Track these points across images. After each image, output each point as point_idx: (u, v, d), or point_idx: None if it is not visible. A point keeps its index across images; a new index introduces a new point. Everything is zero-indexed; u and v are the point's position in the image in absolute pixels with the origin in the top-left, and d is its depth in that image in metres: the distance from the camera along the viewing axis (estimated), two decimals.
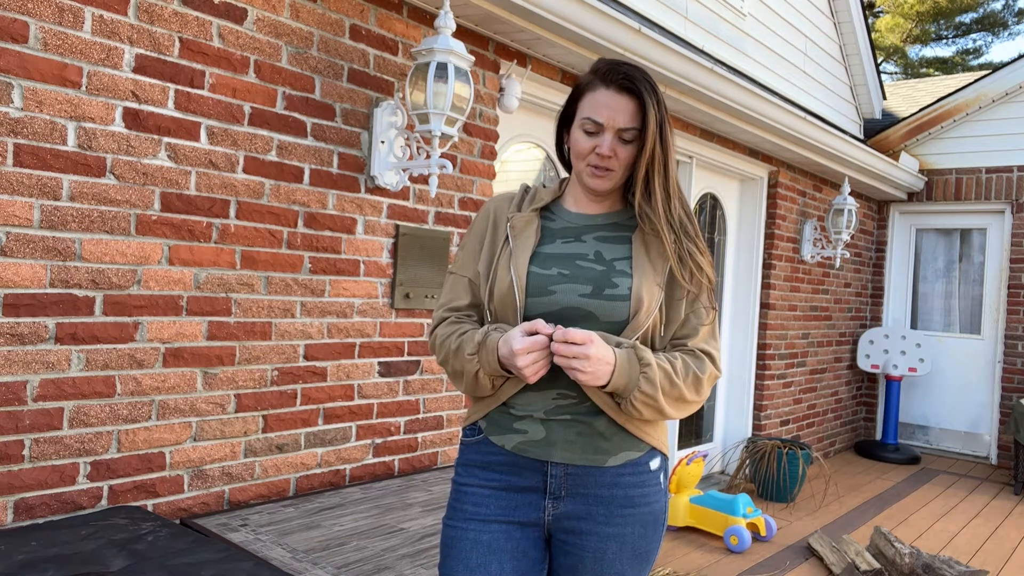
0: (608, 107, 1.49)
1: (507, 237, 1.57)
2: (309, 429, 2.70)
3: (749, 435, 5.66)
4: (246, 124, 2.45)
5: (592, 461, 1.50)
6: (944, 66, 17.95)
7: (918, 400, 7.13)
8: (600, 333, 1.47)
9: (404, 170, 2.84)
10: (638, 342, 1.48)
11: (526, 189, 1.66)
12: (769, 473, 5.01)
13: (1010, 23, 17.57)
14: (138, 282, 2.23)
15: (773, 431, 5.77)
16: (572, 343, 1.39)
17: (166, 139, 2.26)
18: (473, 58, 2.70)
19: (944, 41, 18.30)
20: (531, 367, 1.42)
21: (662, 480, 1.58)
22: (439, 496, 2.70)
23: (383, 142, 2.82)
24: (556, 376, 1.49)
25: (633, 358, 1.44)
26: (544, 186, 1.68)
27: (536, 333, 1.42)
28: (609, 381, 1.43)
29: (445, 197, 3.11)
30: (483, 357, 1.48)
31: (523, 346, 1.40)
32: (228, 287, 2.44)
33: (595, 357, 1.39)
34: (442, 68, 2.58)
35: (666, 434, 1.61)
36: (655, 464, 1.56)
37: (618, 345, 1.46)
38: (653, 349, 1.54)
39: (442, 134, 2.65)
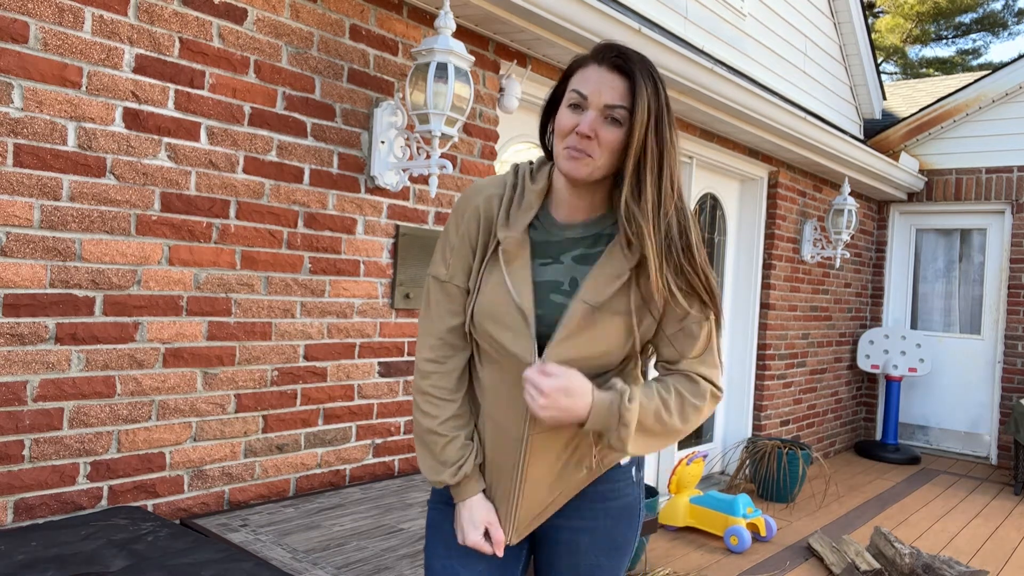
0: (595, 81, 1.35)
1: (496, 253, 1.48)
2: (309, 429, 2.70)
3: (749, 435, 5.66)
4: (246, 124, 2.45)
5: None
6: (944, 66, 17.95)
7: (918, 400, 7.13)
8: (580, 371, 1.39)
9: (404, 170, 2.84)
10: (629, 386, 1.39)
11: (514, 185, 1.50)
12: (769, 473, 5.01)
13: (1010, 23, 17.57)
14: (138, 282, 2.23)
15: (773, 431, 5.77)
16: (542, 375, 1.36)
17: (166, 139, 2.27)
18: (473, 58, 2.70)
19: (944, 41, 18.31)
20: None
21: (634, 473, 1.57)
22: None
23: (383, 142, 2.82)
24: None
25: (614, 410, 1.36)
26: (532, 169, 1.52)
27: (489, 532, 1.48)
28: (584, 422, 1.37)
29: (445, 197, 3.11)
30: (452, 491, 1.51)
31: (472, 543, 1.46)
32: (228, 287, 2.44)
33: (552, 391, 1.33)
34: (442, 68, 2.58)
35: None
36: (626, 459, 1.55)
37: (609, 388, 1.39)
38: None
39: (442, 134, 2.65)
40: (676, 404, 1.41)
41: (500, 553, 1.47)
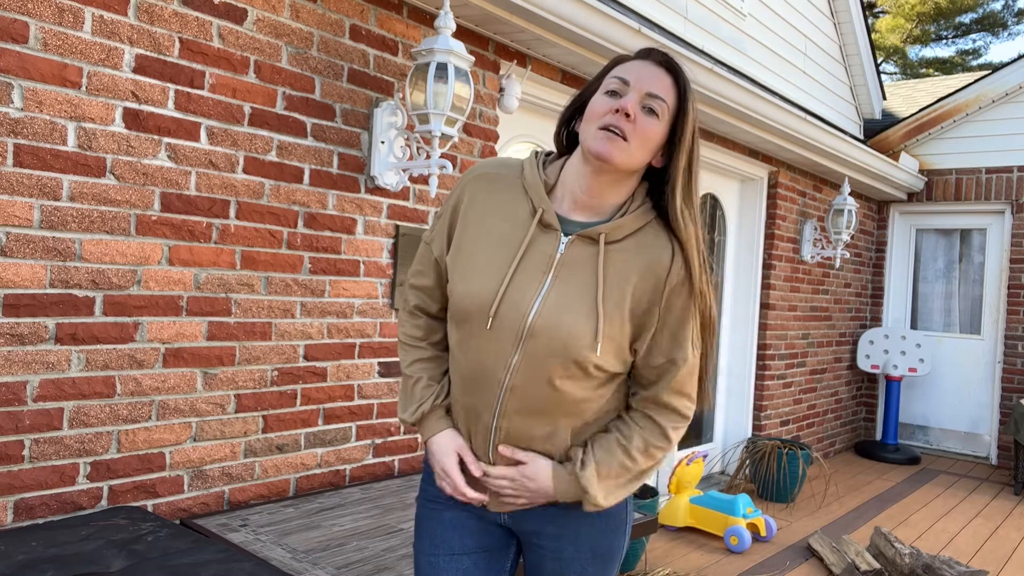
0: (640, 70, 1.34)
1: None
2: (309, 429, 2.70)
3: (749, 435, 5.65)
4: (246, 124, 2.45)
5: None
6: (944, 66, 17.95)
7: (918, 400, 7.13)
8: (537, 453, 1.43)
9: (404, 170, 2.84)
10: (585, 450, 1.43)
11: (521, 172, 1.46)
12: (769, 473, 5.01)
13: (1010, 23, 17.57)
14: (138, 282, 2.23)
15: (773, 431, 5.77)
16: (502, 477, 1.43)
17: (166, 139, 2.27)
18: (473, 58, 2.70)
19: (944, 41, 18.31)
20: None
21: None
22: None
23: (383, 142, 2.82)
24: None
25: (574, 481, 1.40)
26: (545, 160, 1.48)
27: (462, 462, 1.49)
28: (556, 497, 1.42)
29: (445, 197, 3.11)
30: (419, 428, 1.53)
31: (447, 467, 1.47)
32: (228, 287, 2.44)
33: (522, 485, 1.42)
34: (442, 68, 2.58)
35: None
36: None
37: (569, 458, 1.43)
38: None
39: (442, 134, 2.65)
40: (639, 447, 1.42)
41: (474, 493, 1.46)
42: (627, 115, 1.31)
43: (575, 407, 1.41)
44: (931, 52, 18.54)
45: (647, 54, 1.38)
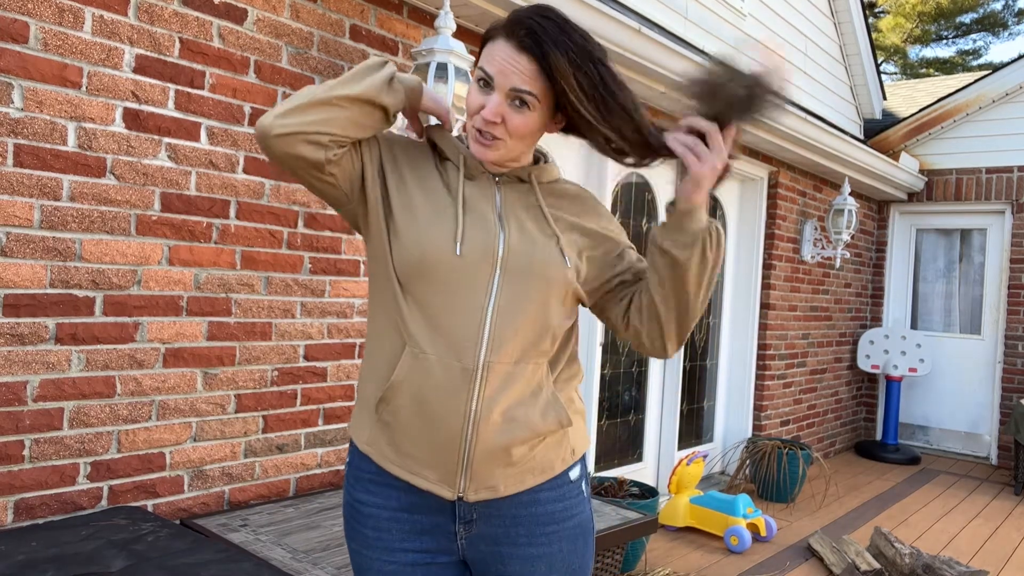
0: (501, 60, 1.21)
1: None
2: (309, 429, 2.70)
3: (749, 435, 5.65)
4: (246, 124, 2.45)
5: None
6: (944, 66, 17.96)
7: (918, 400, 7.13)
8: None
9: None
10: None
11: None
12: (769, 473, 5.01)
13: (1010, 23, 17.57)
14: (138, 282, 2.23)
15: (773, 431, 5.77)
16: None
17: (166, 139, 2.27)
18: (473, 58, 2.70)
19: (944, 41, 18.31)
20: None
21: (584, 488, 1.39)
22: None
23: None
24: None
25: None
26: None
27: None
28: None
29: None
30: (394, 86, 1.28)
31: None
32: (228, 287, 2.44)
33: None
34: (442, 68, 2.58)
35: (584, 438, 1.42)
36: (575, 473, 1.37)
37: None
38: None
39: None
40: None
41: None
42: (491, 122, 1.23)
43: (550, 342, 1.30)
44: (931, 52, 18.55)
45: (511, 31, 1.21)
